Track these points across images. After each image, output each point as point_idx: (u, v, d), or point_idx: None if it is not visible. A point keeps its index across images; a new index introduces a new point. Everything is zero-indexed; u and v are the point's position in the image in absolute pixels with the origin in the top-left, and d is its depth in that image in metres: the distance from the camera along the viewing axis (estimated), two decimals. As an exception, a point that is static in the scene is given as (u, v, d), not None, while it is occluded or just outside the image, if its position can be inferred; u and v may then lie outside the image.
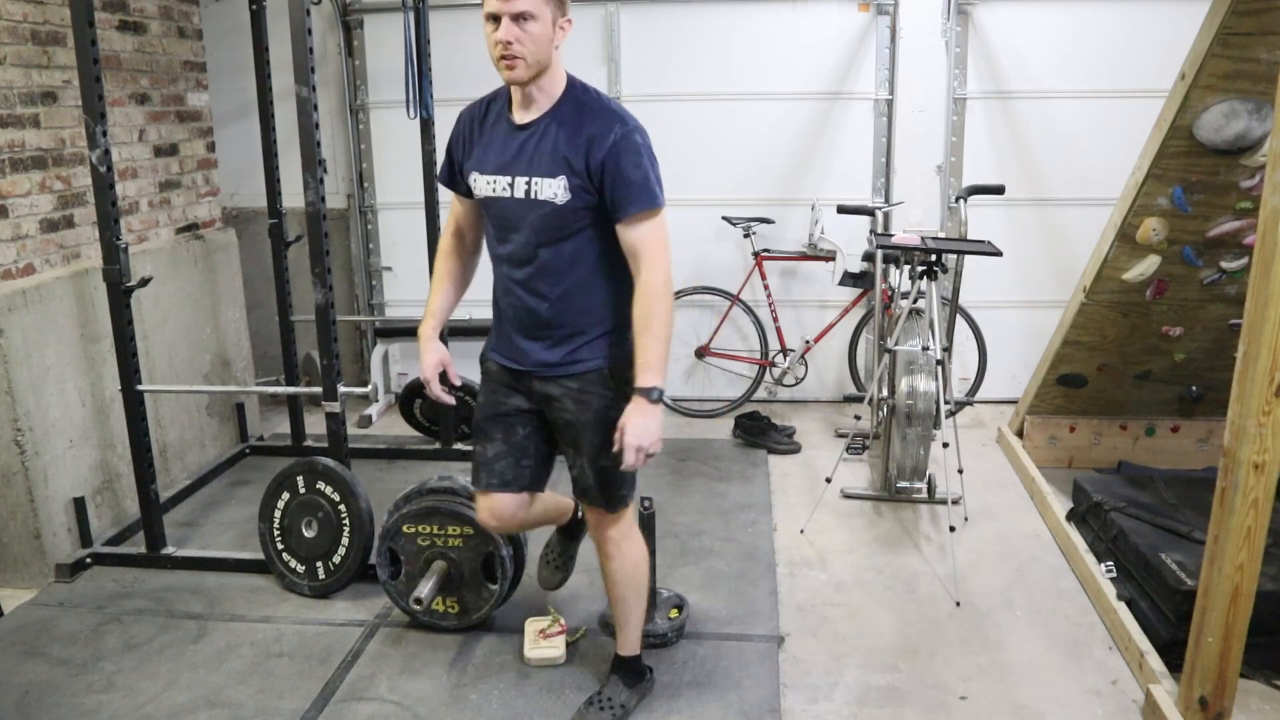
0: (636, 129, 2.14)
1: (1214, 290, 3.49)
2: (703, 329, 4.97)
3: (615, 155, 2.10)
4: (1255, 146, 2.99)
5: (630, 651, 2.57)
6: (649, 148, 2.15)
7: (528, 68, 2.08)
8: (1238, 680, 2.34)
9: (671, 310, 2.16)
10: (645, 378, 2.14)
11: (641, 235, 2.14)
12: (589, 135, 2.11)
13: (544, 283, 2.23)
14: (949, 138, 4.68)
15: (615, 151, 2.10)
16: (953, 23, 4.53)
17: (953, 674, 2.73)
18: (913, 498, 3.82)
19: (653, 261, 2.14)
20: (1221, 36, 2.79)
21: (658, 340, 2.14)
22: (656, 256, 2.14)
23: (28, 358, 3.22)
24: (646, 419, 2.13)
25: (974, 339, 4.78)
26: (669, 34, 4.73)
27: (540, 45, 2.07)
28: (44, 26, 3.36)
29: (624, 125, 2.12)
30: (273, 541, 3.22)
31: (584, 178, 2.12)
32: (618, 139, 2.10)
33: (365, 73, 4.92)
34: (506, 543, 2.87)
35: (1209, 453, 4.06)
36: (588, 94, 2.19)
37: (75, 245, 3.55)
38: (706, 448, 4.50)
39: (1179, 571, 2.77)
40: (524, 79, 2.10)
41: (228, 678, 2.77)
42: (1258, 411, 2.11)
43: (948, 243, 4.06)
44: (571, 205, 2.14)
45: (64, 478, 3.40)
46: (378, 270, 5.22)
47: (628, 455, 2.13)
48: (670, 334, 2.17)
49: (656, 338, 2.13)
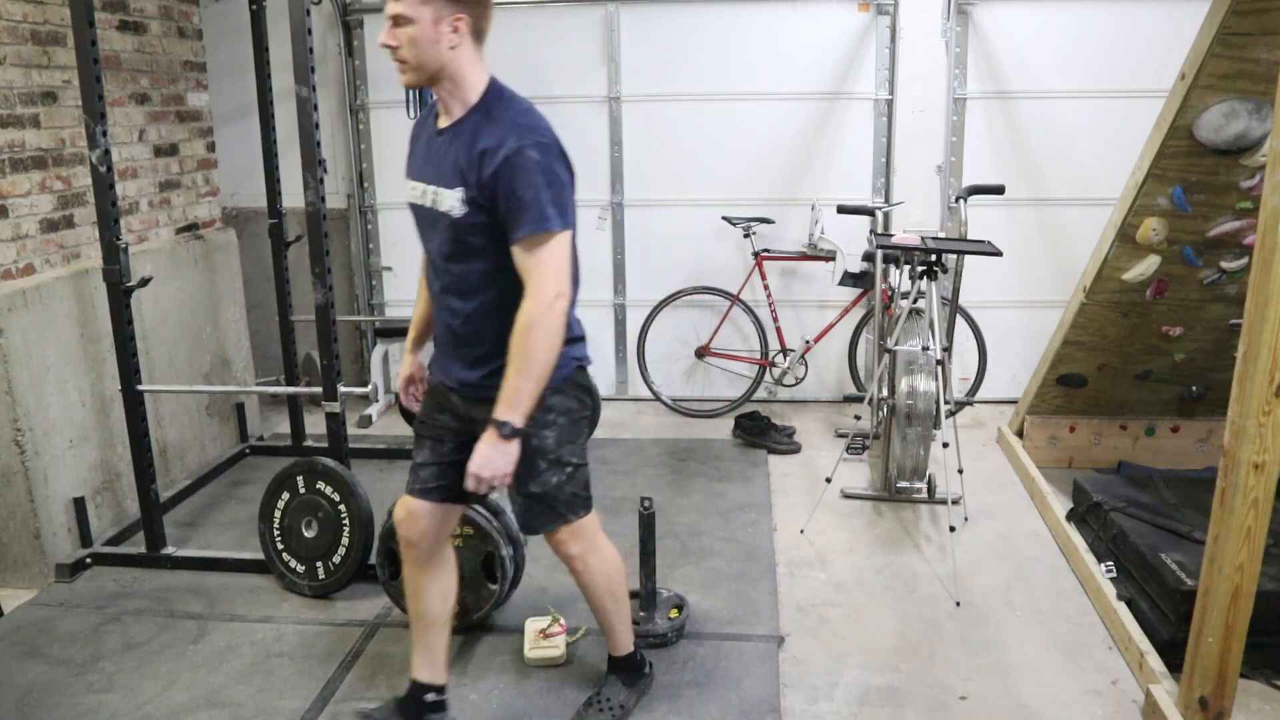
0: (536, 144, 1.97)
1: (1214, 290, 3.49)
2: (703, 329, 4.97)
3: (506, 172, 1.96)
4: (1255, 146, 2.99)
5: (622, 650, 2.55)
6: (549, 166, 1.98)
7: (413, 71, 2.01)
8: (1238, 680, 2.34)
9: (549, 345, 2.00)
10: (500, 410, 2.01)
11: (528, 260, 1.99)
12: (481, 149, 1.99)
13: (456, 299, 2.15)
14: (949, 138, 4.68)
15: (507, 168, 1.96)
16: (953, 23, 4.53)
17: (953, 674, 2.73)
18: (913, 498, 3.82)
19: (535, 290, 1.98)
20: (1221, 36, 2.79)
21: (520, 375, 1.99)
22: (540, 285, 1.98)
23: (28, 358, 3.22)
24: (492, 450, 2.02)
25: (974, 339, 4.78)
26: (669, 34, 4.73)
27: (420, 48, 1.97)
28: (44, 26, 3.36)
29: (519, 140, 1.97)
30: (273, 541, 3.22)
31: (477, 193, 2.00)
32: (510, 154, 1.95)
33: (365, 73, 4.92)
34: (507, 542, 2.87)
35: (1209, 453, 4.06)
36: (499, 102, 2.06)
37: (75, 245, 3.55)
38: (706, 448, 4.50)
39: (1179, 571, 2.77)
40: (412, 83, 2.04)
41: (228, 678, 2.77)
42: (1258, 411, 2.11)
43: (948, 243, 4.06)
44: (466, 220, 2.04)
45: (64, 478, 3.40)
46: (378, 270, 5.22)
47: (468, 481, 2.04)
48: (542, 371, 2.01)
49: (519, 372, 1.99)
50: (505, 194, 1.98)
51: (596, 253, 5.00)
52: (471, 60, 2.05)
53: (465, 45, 2.02)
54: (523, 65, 4.72)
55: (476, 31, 2.04)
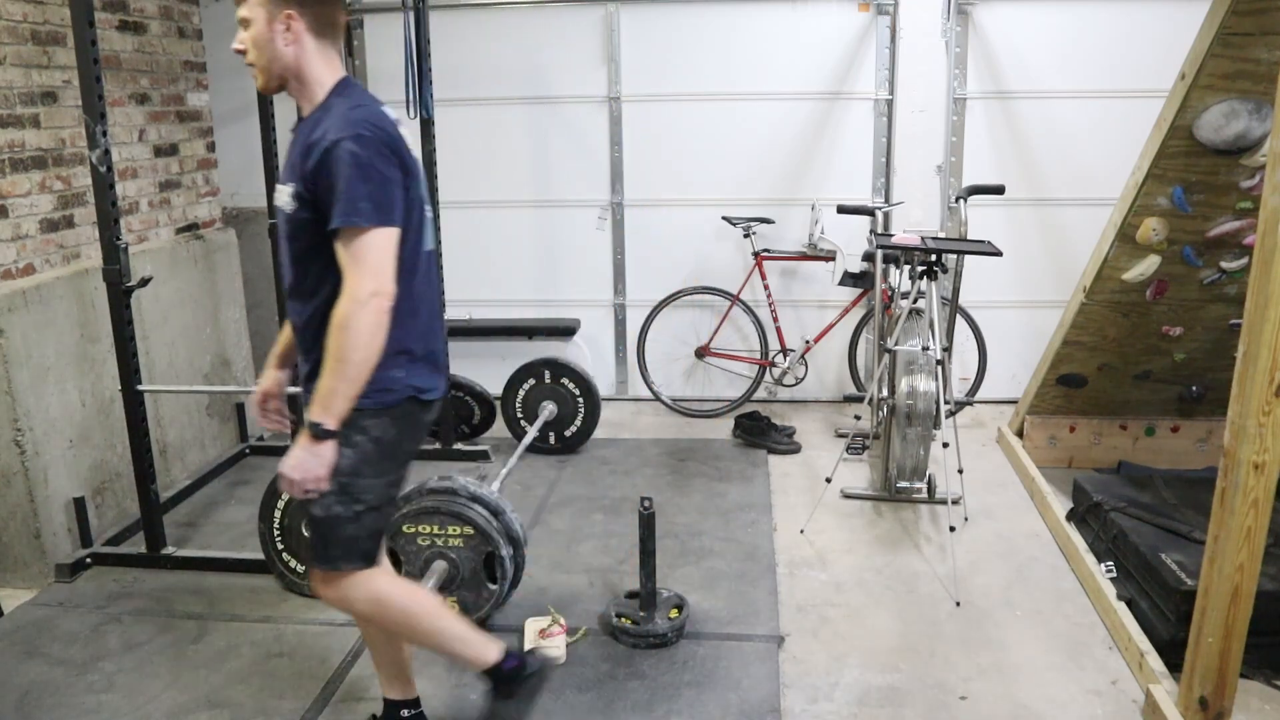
0: (355, 138, 1.90)
1: (1214, 290, 3.49)
2: (703, 329, 4.97)
3: (325, 166, 1.91)
4: (1255, 146, 2.99)
5: (479, 667, 2.35)
6: (367, 160, 1.90)
7: (261, 73, 2.01)
8: (1238, 680, 2.33)
9: (363, 344, 1.90)
10: (313, 410, 1.94)
11: (344, 256, 1.91)
12: (306, 144, 1.95)
13: (297, 300, 2.08)
14: (949, 138, 4.68)
15: (325, 162, 1.90)
16: (953, 23, 4.53)
17: (953, 674, 2.73)
18: (913, 498, 3.82)
19: (349, 286, 1.90)
20: (1221, 36, 2.79)
21: (332, 375, 1.91)
22: (354, 282, 1.89)
23: (28, 358, 3.22)
24: (303, 451, 1.94)
25: (974, 339, 4.78)
26: (669, 34, 4.73)
27: (261, 49, 1.97)
28: (44, 26, 3.36)
29: (339, 133, 1.91)
30: (273, 541, 3.22)
31: (303, 188, 1.96)
32: (328, 147, 1.90)
33: (365, 73, 4.92)
34: (507, 543, 2.87)
35: (1209, 453, 4.06)
36: (340, 98, 2.01)
37: (75, 245, 3.56)
38: (706, 448, 4.50)
39: (1179, 571, 2.77)
40: (263, 87, 2.04)
41: (228, 678, 2.77)
42: (1258, 411, 2.11)
43: (948, 243, 4.06)
44: (296, 216, 1.99)
45: (64, 478, 3.40)
46: (378, 270, 5.21)
47: (280, 482, 1.98)
48: (356, 373, 1.91)
49: (331, 372, 1.91)
50: (325, 188, 1.92)
51: (597, 253, 5.01)
52: (314, 58, 2.01)
53: (305, 43, 1.99)
54: (523, 65, 4.72)
55: (318, 29, 2.00)
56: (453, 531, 2.86)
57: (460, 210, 4.88)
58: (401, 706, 2.40)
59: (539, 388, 4.42)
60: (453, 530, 2.86)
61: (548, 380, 4.41)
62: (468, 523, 2.84)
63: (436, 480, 2.98)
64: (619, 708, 2.60)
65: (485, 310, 5.08)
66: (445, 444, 4.37)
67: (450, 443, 4.37)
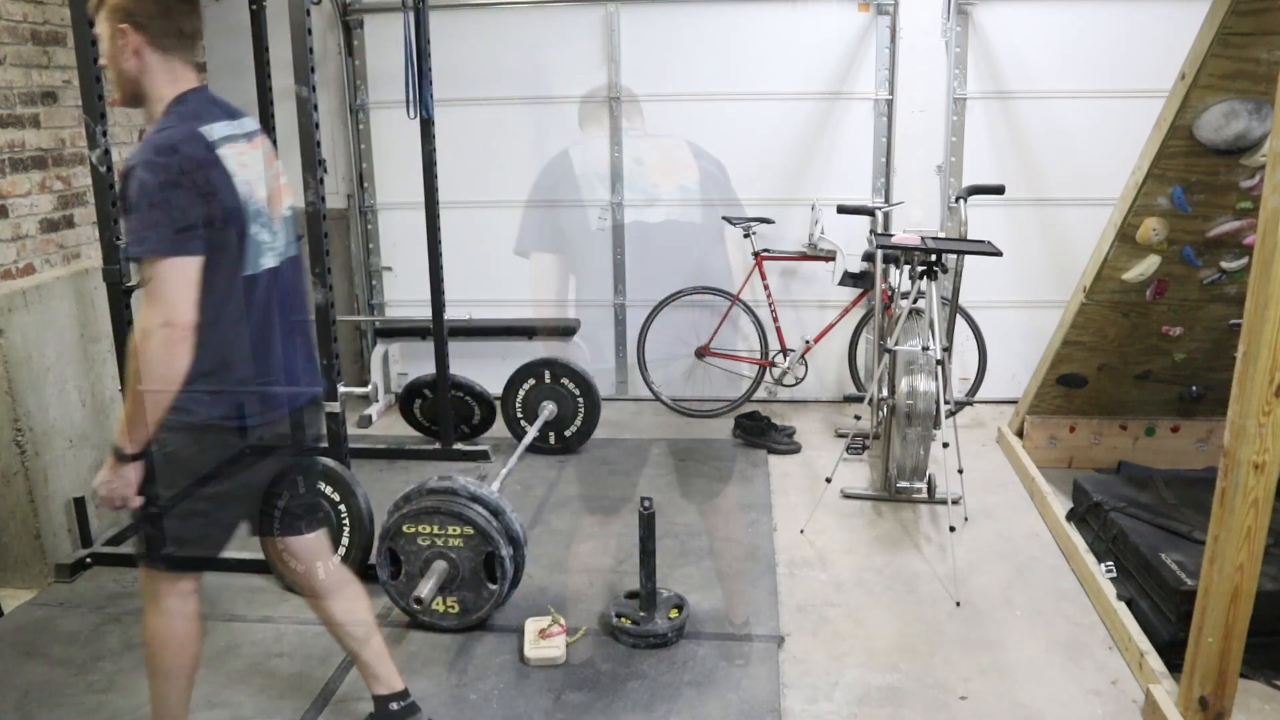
0: (145, 164, 1.84)
1: (1214, 290, 3.49)
2: (703, 329, 4.96)
3: (124, 192, 1.87)
4: (1255, 146, 2.99)
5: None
6: (155, 189, 1.83)
7: (116, 88, 1.99)
8: (1238, 680, 2.33)
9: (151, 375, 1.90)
10: (118, 432, 1.99)
11: (144, 284, 1.88)
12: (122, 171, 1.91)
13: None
14: (949, 138, 4.68)
15: (124, 188, 1.87)
16: (953, 23, 4.53)
17: (953, 674, 2.73)
18: (913, 498, 3.82)
19: (139, 318, 1.87)
20: (1221, 36, 2.79)
21: (128, 400, 1.92)
22: (144, 313, 1.86)
23: (28, 358, 3.22)
24: (108, 472, 1.98)
25: (974, 339, 4.78)
26: (669, 34, 4.73)
27: (112, 65, 1.96)
28: (44, 26, 3.36)
29: (134, 159, 1.86)
30: (273, 541, 3.22)
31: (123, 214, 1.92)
32: (125, 174, 1.86)
33: (365, 73, 4.92)
34: (507, 543, 2.87)
35: (1209, 453, 4.06)
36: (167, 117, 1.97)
37: (75, 245, 3.56)
38: (706, 448, 4.50)
39: (1179, 571, 2.77)
40: (119, 101, 2.02)
41: (228, 678, 2.77)
42: (1258, 411, 2.11)
43: (948, 243, 4.06)
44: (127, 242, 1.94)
45: (64, 478, 3.40)
46: (378, 270, 5.22)
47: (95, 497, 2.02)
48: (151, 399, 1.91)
49: (127, 398, 1.92)
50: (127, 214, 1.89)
51: (597, 253, 5.00)
52: (156, 72, 1.97)
53: (146, 57, 1.95)
54: (523, 65, 4.72)
55: (158, 42, 1.95)
56: (453, 531, 2.86)
57: (460, 210, 4.88)
58: (389, 700, 2.41)
59: (539, 388, 4.42)
60: (453, 530, 2.86)
61: (548, 380, 4.41)
62: (468, 523, 2.84)
63: (436, 480, 2.98)
64: (619, 708, 2.60)
65: (488, 310, 5.08)
66: (445, 444, 4.37)
67: (450, 443, 4.37)
